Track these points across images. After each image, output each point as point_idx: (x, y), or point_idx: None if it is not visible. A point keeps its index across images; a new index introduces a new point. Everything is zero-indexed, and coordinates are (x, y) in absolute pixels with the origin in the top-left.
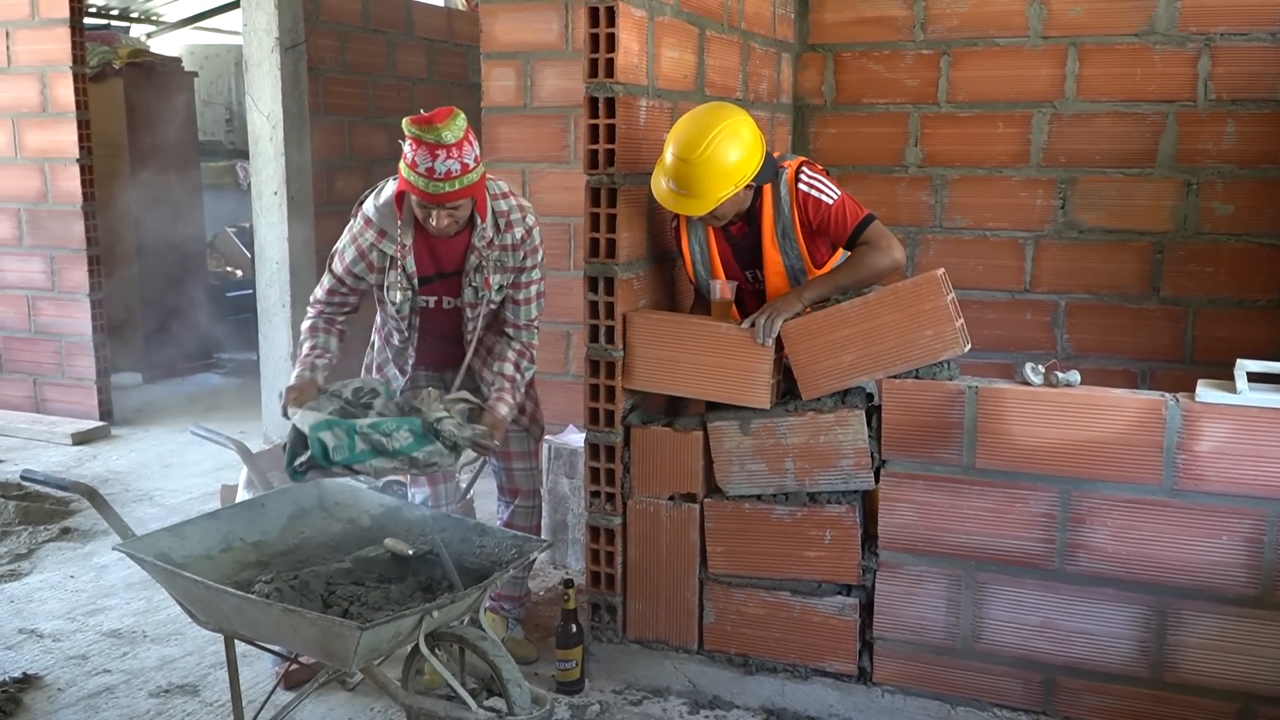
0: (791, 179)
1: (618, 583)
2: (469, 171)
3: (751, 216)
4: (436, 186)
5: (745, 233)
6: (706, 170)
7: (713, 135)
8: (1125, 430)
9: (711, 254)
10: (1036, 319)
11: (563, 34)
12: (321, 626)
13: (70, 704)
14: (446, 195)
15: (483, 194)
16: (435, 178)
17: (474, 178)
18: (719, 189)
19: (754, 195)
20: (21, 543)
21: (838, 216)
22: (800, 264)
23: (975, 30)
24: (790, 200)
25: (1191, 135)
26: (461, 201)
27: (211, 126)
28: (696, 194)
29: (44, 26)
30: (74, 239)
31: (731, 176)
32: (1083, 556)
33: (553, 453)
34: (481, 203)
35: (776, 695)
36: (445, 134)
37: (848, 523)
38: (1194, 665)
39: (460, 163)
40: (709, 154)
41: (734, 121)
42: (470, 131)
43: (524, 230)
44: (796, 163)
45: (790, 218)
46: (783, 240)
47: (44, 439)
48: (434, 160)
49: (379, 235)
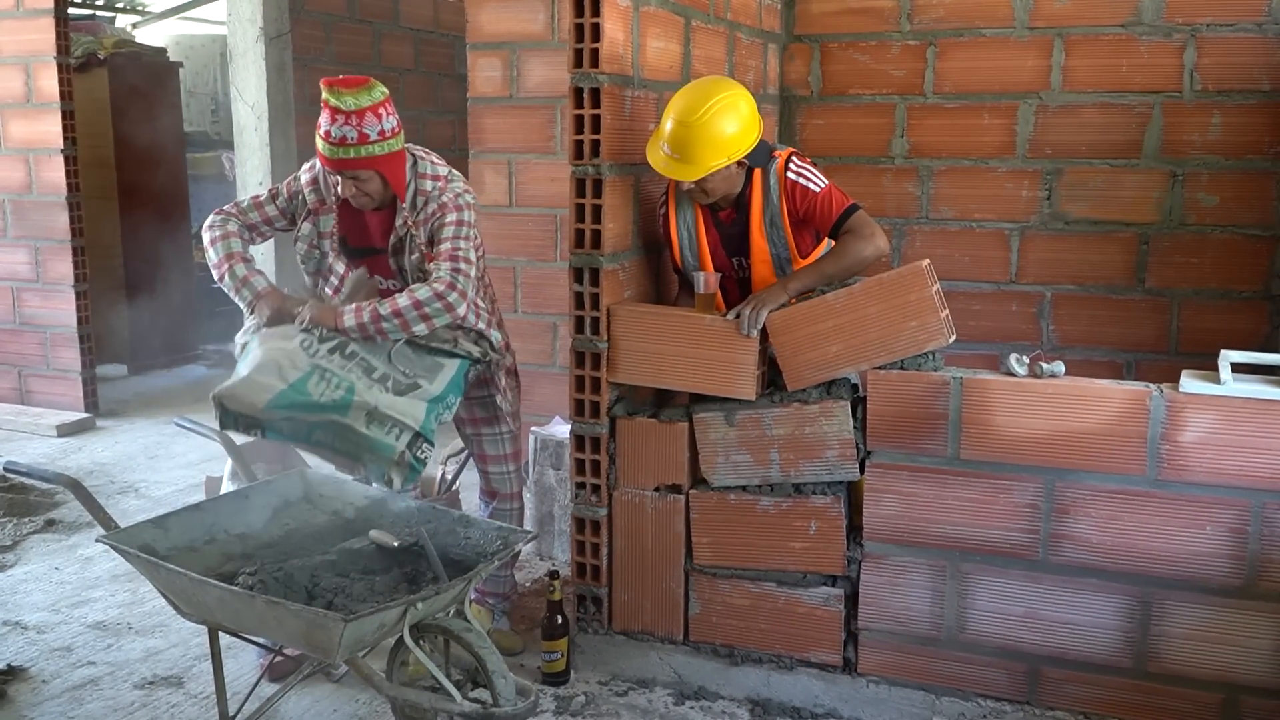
0: (781, 168)
1: (603, 574)
2: (367, 142)
3: (741, 203)
4: (331, 150)
5: (734, 219)
6: (703, 135)
7: (712, 103)
8: (1109, 421)
9: (700, 240)
10: (1022, 310)
11: (549, 24)
12: (305, 618)
13: (55, 696)
14: (340, 162)
15: (395, 171)
16: (330, 141)
17: (374, 150)
18: (713, 157)
19: (745, 181)
20: (6, 535)
21: (823, 205)
22: (786, 253)
23: (961, 21)
24: (779, 189)
25: (1177, 126)
26: (362, 172)
27: (197, 117)
28: (691, 160)
29: (29, 17)
30: (59, 230)
31: (726, 147)
32: (1067, 547)
33: (539, 444)
34: (396, 181)
35: (762, 686)
36: (346, 99)
37: (833, 514)
38: (1178, 655)
39: (358, 131)
40: (707, 119)
41: (734, 94)
42: (383, 106)
43: (436, 205)
44: (787, 152)
45: (779, 206)
46: (770, 229)
47: (29, 431)
48: (331, 124)
49: (310, 183)
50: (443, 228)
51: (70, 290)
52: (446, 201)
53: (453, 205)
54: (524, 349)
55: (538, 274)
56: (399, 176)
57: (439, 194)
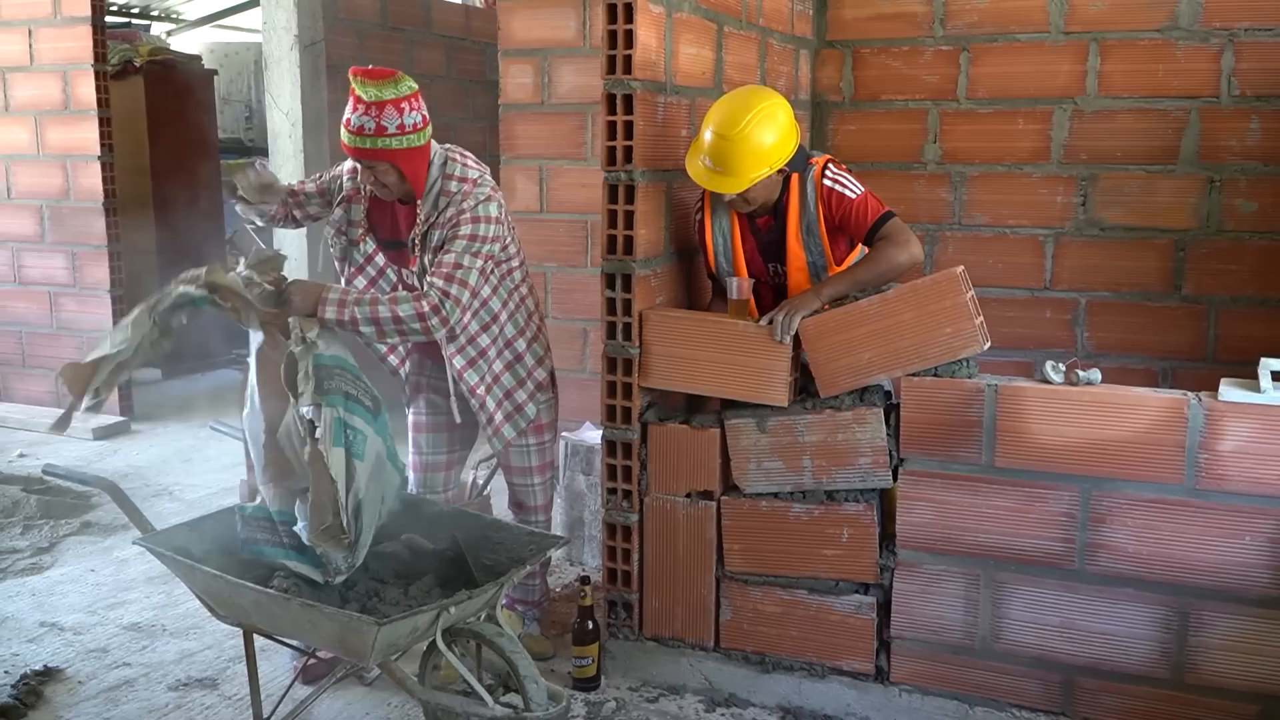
0: (818, 174)
1: (634, 580)
2: (384, 134)
3: (778, 210)
4: (349, 138)
5: (770, 226)
6: (743, 148)
7: (752, 114)
8: (1147, 429)
9: (735, 246)
10: (1056, 317)
11: (580, 31)
12: (340, 622)
13: (90, 697)
14: (356, 150)
15: (414, 168)
16: (349, 129)
17: (390, 143)
18: (754, 168)
19: (782, 187)
20: (43, 536)
21: (859, 211)
22: (823, 260)
23: (995, 26)
24: (816, 195)
25: (1214, 132)
26: (378, 164)
27: (231, 124)
28: (732, 171)
29: (66, 25)
30: (95, 235)
31: (767, 157)
32: (1103, 556)
33: (569, 449)
34: (414, 177)
35: (793, 694)
36: (369, 89)
37: (865, 521)
38: (1214, 666)
39: (376, 123)
40: (747, 131)
41: (772, 103)
42: (406, 101)
43: (455, 211)
44: (824, 159)
45: (815, 213)
46: (806, 236)
47: (65, 434)
48: (353, 113)
49: (350, 170)
50: (454, 240)
51: (106, 295)
52: (464, 210)
53: (469, 217)
54: (554, 355)
55: (568, 280)
56: (418, 173)
57: (461, 199)
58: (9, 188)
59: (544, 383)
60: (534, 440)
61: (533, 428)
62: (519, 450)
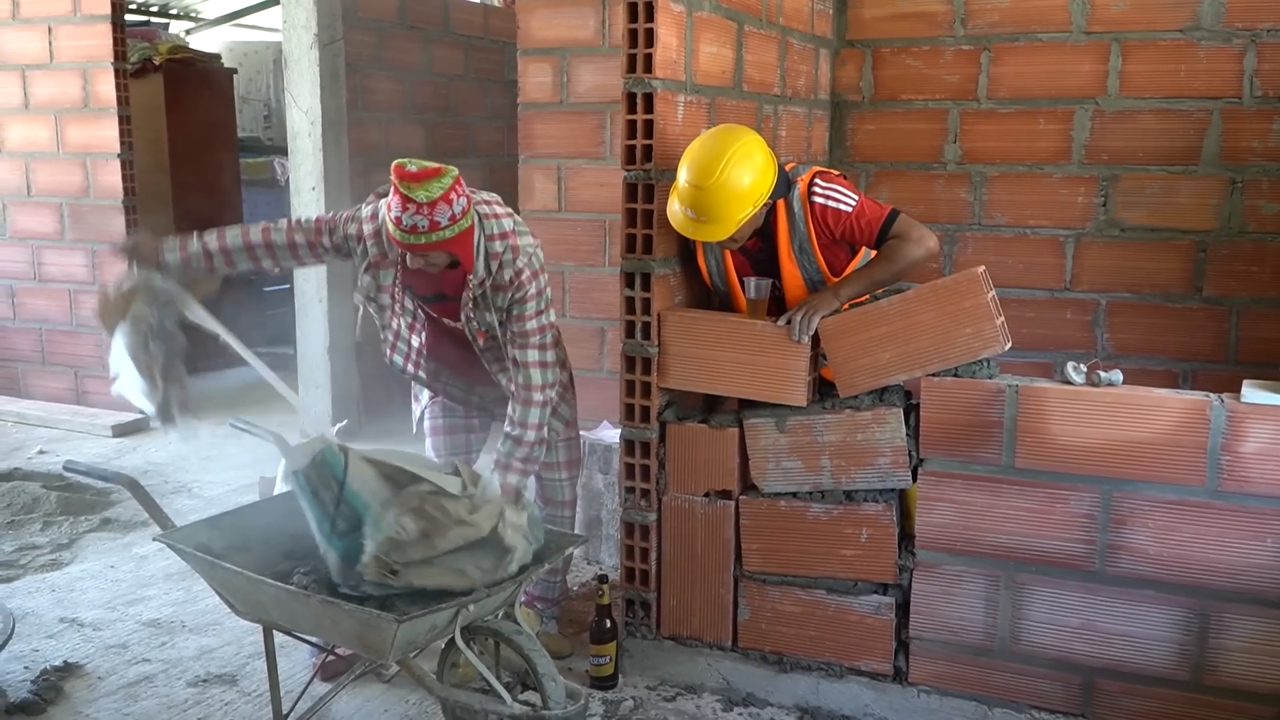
0: (804, 193)
1: (652, 579)
2: (438, 229)
3: (766, 232)
4: (403, 235)
5: (760, 247)
6: (722, 195)
7: (725, 160)
8: (1169, 431)
9: (728, 268)
10: (1076, 318)
11: (599, 30)
12: (359, 619)
13: (110, 692)
14: (412, 246)
15: (465, 248)
16: (402, 228)
17: (445, 234)
18: (736, 212)
19: (768, 210)
20: (63, 533)
21: (859, 221)
22: (819, 275)
23: (1017, 25)
24: (805, 214)
25: (1237, 133)
26: (430, 254)
27: (250, 123)
28: (715, 219)
29: (86, 23)
30: (115, 233)
31: (748, 199)
32: (1124, 558)
33: (587, 448)
34: (466, 256)
35: (811, 694)
36: (419, 192)
37: (884, 521)
38: (1235, 669)
39: (430, 220)
40: (723, 179)
41: (745, 143)
42: (453, 190)
43: (513, 272)
44: (809, 175)
45: (806, 232)
46: (800, 255)
47: (85, 430)
48: (403, 211)
49: (373, 235)
50: (524, 302)
51: None
52: (522, 269)
53: (529, 274)
54: (571, 354)
55: (586, 279)
56: (468, 251)
57: (512, 258)
58: (29, 185)
59: (568, 383)
60: (560, 437)
61: (566, 424)
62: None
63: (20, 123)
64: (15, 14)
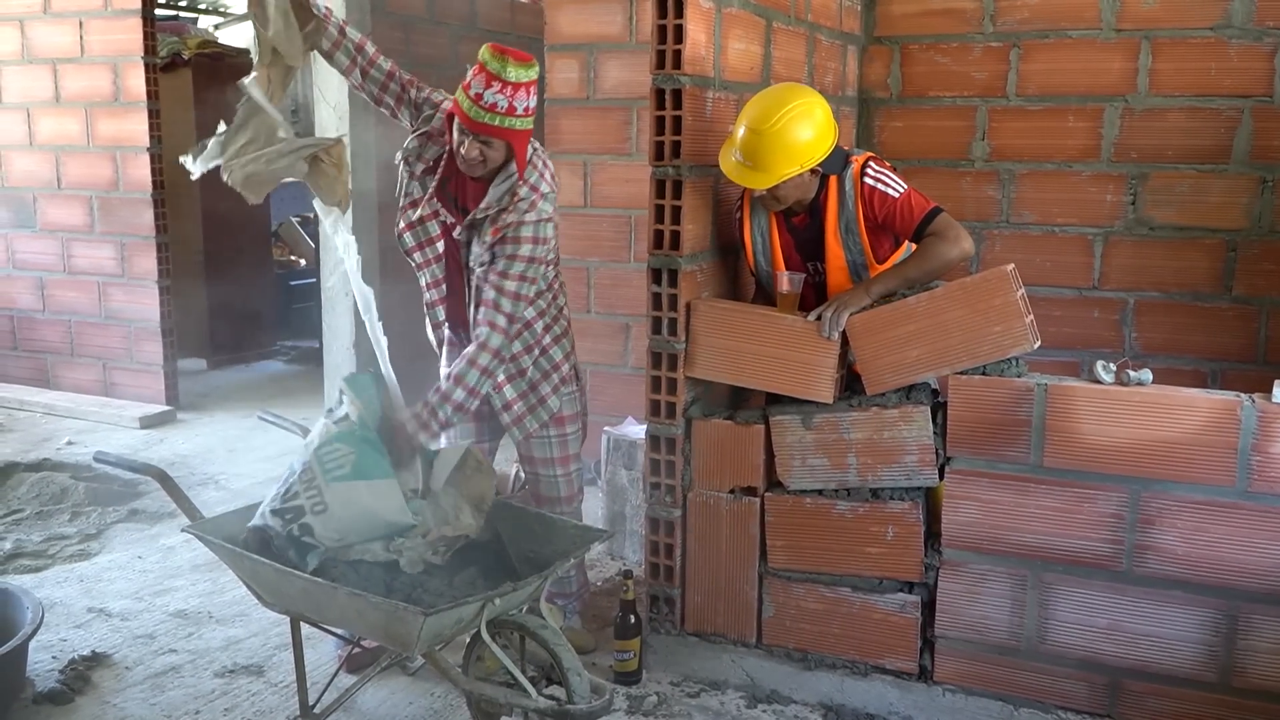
0: (857, 173)
1: (676, 575)
2: (514, 115)
3: (815, 208)
4: (477, 113)
5: (808, 224)
6: (775, 143)
7: (786, 110)
8: (1198, 431)
9: (773, 244)
10: (1105, 317)
11: (626, 26)
12: (386, 611)
13: (137, 682)
14: (483, 126)
15: (522, 148)
16: (481, 104)
17: (515, 124)
18: (785, 165)
19: (819, 186)
20: (91, 523)
21: (904, 209)
22: (862, 259)
23: (1046, 22)
24: (855, 194)
25: (1268, 131)
26: (494, 140)
27: None
28: (762, 167)
29: (116, 17)
30: (144, 226)
31: (799, 156)
32: (1152, 558)
33: (611, 444)
34: (520, 154)
35: (835, 691)
36: (510, 71)
37: (910, 519)
38: (1264, 670)
39: (509, 102)
40: (780, 127)
41: (809, 101)
42: (534, 86)
43: (517, 219)
44: (864, 157)
45: (854, 212)
46: (845, 235)
47: (112, 422)
48: (486, 88)
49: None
50: (513, 260)
51: (154, 285)
52: (526, 222)
53: (531, 235)
54: (596, 349)
55: (611, 275)
56: (523, 153)
57: (525, 209)
58: (59, 178)
59: (568, 376)
60: (555, 432)
61: (554, 420)
62: (540, 441)
63: (51, 116)
64: (47, 8)
